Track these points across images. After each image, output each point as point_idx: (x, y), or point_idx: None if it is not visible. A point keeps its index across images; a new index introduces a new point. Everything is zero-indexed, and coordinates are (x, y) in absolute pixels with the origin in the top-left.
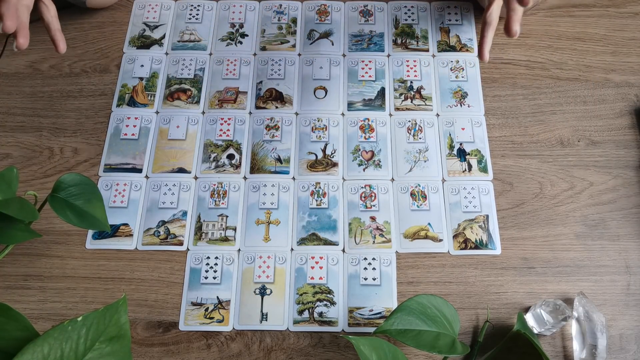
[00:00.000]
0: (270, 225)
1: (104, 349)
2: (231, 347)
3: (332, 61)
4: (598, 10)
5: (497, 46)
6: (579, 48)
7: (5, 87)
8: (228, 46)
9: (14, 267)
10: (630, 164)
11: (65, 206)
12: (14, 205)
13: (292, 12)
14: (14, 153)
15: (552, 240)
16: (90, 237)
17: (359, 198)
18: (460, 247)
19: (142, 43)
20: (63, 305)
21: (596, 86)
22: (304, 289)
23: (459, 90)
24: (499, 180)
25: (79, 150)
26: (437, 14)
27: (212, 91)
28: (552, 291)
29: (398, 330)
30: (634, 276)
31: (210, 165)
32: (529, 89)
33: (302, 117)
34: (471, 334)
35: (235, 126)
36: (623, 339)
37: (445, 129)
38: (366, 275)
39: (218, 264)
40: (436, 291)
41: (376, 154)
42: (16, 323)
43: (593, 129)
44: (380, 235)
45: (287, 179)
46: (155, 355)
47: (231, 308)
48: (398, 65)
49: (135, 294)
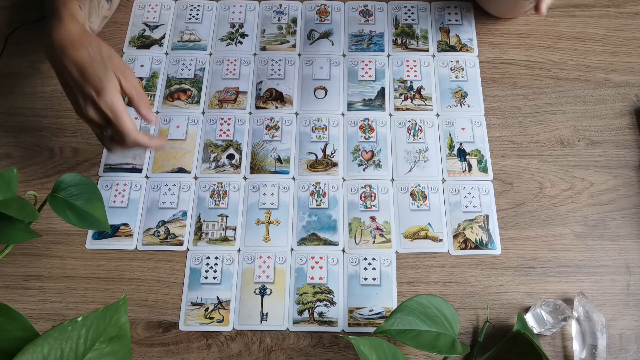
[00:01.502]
0: (270, 225)
1: (104, 349)
2: (231, 347)
3: (332, 61)
4: (598, 10)
5: (497, 46)
6: (579, 48)
7: (5, 87)
8: (228, 46)
9: (14, 267)
10: (630, 164)
11: (65, 206)
12: (14, 205)
13: (292, 12)
14: (14, 153)
15: (552, 240)
16: (90, 237)
17: (359, 198)
18: (460, 247)
19: (142, 43)
20: (63, 305)
21: (596, 86)
22: (304, 289)
23: (459, 90)
24: (499, 180)
25: (79, 150)
26: (437, 14)
27: (212, 91)
28: (552, 291)
29: (398, 330)
30: (634, 276)
31: (210, 165)
32: (529, 89)
33: (302, 117)
34: (471, 334)
35: (235, 126)
36: (623, 339)
37: (445, 129)
38: (366, 275)
39: (218, 264)
40: (436, 291)
41: (376, 154)
42: (16, 323)
43: (593, 129)
44: (380, 235)
45: (287, 179)
46: (155, 355)
47: (231, 308)
48: (398, 65)
49: (135, 294)
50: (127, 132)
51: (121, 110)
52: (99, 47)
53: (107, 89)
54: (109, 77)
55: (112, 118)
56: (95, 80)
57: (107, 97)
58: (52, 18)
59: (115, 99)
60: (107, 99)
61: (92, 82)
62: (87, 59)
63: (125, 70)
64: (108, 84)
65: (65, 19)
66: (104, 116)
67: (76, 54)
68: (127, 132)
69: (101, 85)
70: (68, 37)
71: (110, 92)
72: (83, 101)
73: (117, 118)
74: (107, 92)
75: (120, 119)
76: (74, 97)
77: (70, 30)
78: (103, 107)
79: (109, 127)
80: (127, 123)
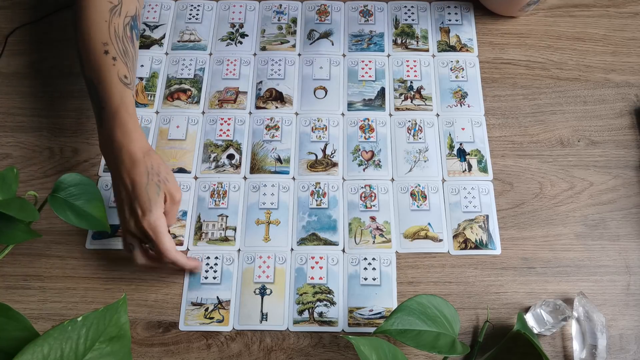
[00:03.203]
0: (270, 225)
1: (104, 349)
2: (231, 347)
3: (332, 61)
4: (598, 10)
5: (497, 46)
6: (579, 48)
7: (5, 87)
8: (228, 46)
9: (14, 267)
10: (630, 164)
11: (65, 206)
12: (14, 205)
13: (292, 12)
14: (14, 153)
15: (552, 240)
16: (90, 237)
17: (359, 198)
18: (460, 247)
19: (142, 43)
20: (63, 305)
21: (596, 86)
22: (304, 289)
23: (459, 90)
24: (499, 180)
25: (79, 150)
26: (437, 14)
27: (212, 91)
28: (552, 291)
29: (398, 330)
30: (634, 276)
31: (210, 165)
32: (529, 89)
33: (302, 117)
34: (471, 334)
35: (235, 126)
36: (623, 339)
37: (445, 129)
38: (366, 275)
39: (218, 264)
40: (436, 291)
41: (376, 154)
42: (16, 323)
43: (593, 129)
44: (380, 235)
45: (287, 179)
46: (155, 355)
47: (231, 308)
48: (398, 65)
49: (135, 294)
50: (166, 251)
51: (163, 231)
52: (158, 170)
53: (153, 211)
54: (159, 201)
55: (152, 237)
56: (145, 201)
57: (151, 218)
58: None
59: (159, 221)
60: (151, 220)
61: (141, 203)
62: (144, 181)
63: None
64: (156, 207)
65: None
66: (145, 234)
67: (136, 172)
68: (166, 251)
69: (149, 207)
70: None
71: (155, 214)
72: (129, 214)
73: (158, 237)
74: (152, 215)
75: (160, 238)
76: (122, 208)
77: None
78: (145, 227)
79: (149, 242)
80: (167, 243)
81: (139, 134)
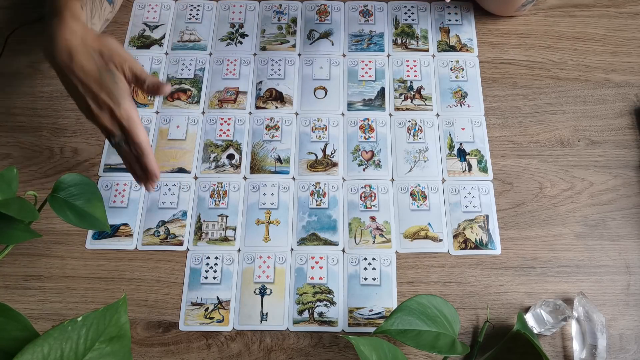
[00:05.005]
0: (270, 225)
1: (104, 349)
2: (231, 347)
3: (332, 61)
4: (598, 10)
5: (497, 46)
6: (579, 48)
7: (5, 87)
8: (228, 46)
9: (14, 267)
10: (630, 164)
11: (65, 206)
12: (14, 205)
13: (292, 12)
14: (14, 153)
15: (552, 240)
16: (90, 237)
17: (359, 198)
18: (460, 247)
19: (142, 43)
20: (63, 305)
21: (596, 86)
22: (304, 289)
23: (459, 90)
24: (499, 180)
25: (79, 150)
26: (437, 14)
27: (212, 91)
28: (552, 291)
29: (398, 330)
30: (634, 276)
31: (210, 165)
32: (529, 89)
33: (302, 117)
34: (471, 334)
35: (235, 126)
36: (623, 339)
37: (445, 129)
38: (366, 275)
39: (218, 264)
40: (436, 291)
41: (376, 154)
42: (16, 323)
43: (593, 129)
44: (380, 235)
45: (287, 179)
46: (155, 355)
47: (231, 308)
48: (398, 65)
49: (135, 294)
50: (142, 143)
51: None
52: (100, 51)
53: (121, 99)
54: (120, 86)
55: (126, 127)
56: (108, 91)
57: (122, 109)
58: (53, 18)
59: (130, 110)
60: (122, 111)
61: (106, 92)
62: (95, 68)
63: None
64: (121, 93)
65: (67, 19)
66: (119, 125)
67: (85, 63)
68: (142, 143)
69: (115, 95)
70: (73, 41)
71: (125, 103)
72: (99, 110)
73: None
74: (123, 104)
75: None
76: (84, 101)
77: (75, 31)
78: (119, 117)
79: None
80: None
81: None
